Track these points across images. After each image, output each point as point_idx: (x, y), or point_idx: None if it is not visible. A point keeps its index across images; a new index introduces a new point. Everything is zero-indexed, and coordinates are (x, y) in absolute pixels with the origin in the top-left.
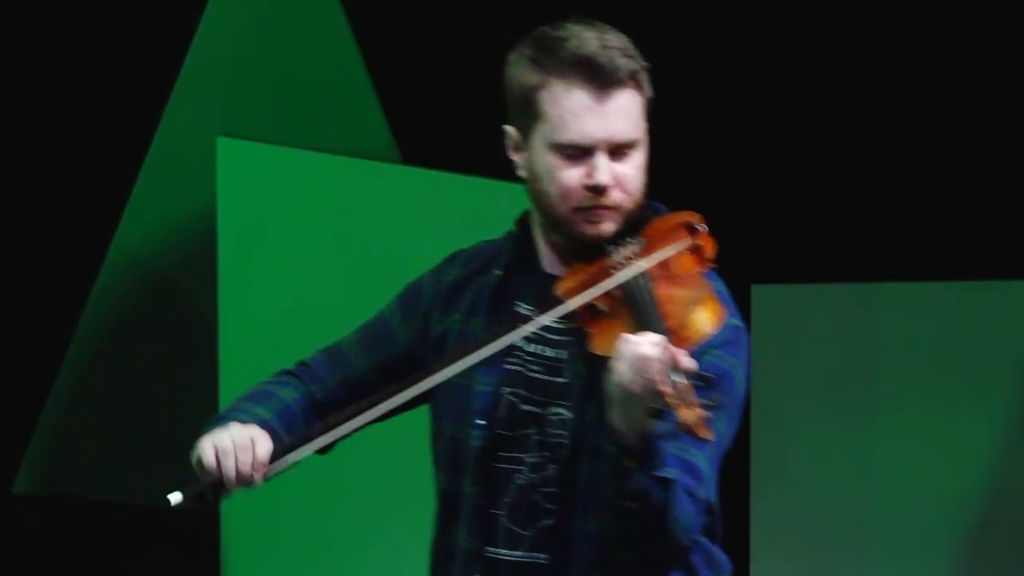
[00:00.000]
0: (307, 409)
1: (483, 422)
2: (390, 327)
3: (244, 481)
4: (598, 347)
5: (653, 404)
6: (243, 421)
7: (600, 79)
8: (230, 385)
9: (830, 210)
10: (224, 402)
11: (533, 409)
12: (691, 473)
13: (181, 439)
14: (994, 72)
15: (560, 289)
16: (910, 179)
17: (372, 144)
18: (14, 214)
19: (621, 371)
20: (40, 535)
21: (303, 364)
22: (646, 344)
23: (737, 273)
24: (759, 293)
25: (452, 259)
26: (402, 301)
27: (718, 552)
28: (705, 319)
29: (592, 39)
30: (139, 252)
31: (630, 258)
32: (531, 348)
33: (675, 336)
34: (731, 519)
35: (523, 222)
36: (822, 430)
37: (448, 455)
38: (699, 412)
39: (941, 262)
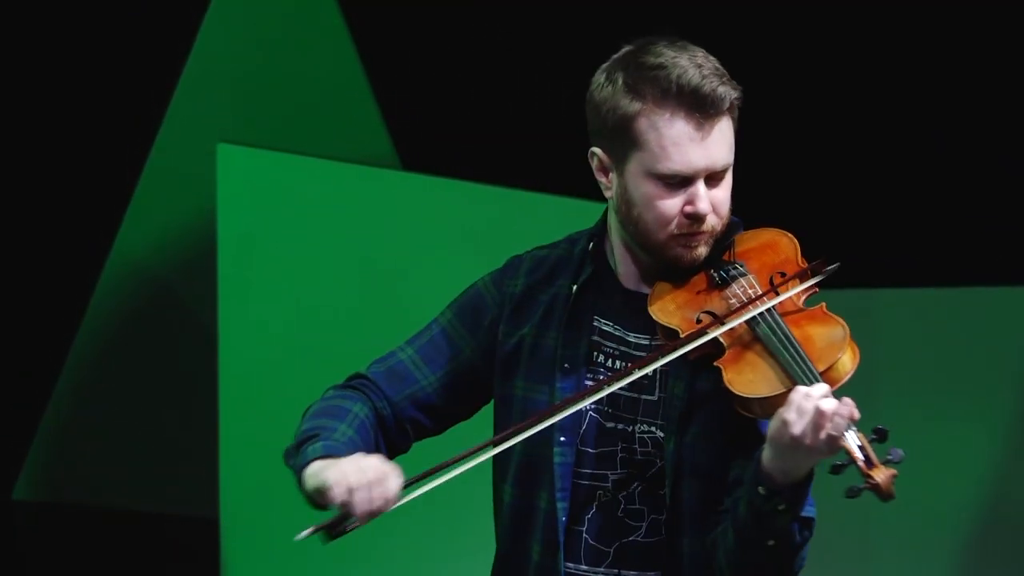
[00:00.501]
0: (376, 426)
1: (564, 438)
2: (452, 341)
3: (372, 517)
4: (739, 388)
5: (831, 459)
6: (335, 441)
7: (704, 109)
8: (230, 390)
9: (829, 215)
10: (224, 407)
11: (619, 426)
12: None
13: (181, 445)
14: (993, 78)
15: (654, 308)
16: (910, 185)
17: (371, 150)
18: (15, 219)
19: (794, 423)
20: (40, 540)
21: (363, 378)
22: (824, 398)
23: None
24: None
25: (512, 269)
26: (461, 313)
27: None
28: (849, 359)
29: (691, 68)
30: (139, 258)
31: (747, 288)
32: (612, 364)
33: (824, 379)
34: None
35: (599, 236)
36: None
37: (523, 470)
38: (890, 472)
39: (941, 268)
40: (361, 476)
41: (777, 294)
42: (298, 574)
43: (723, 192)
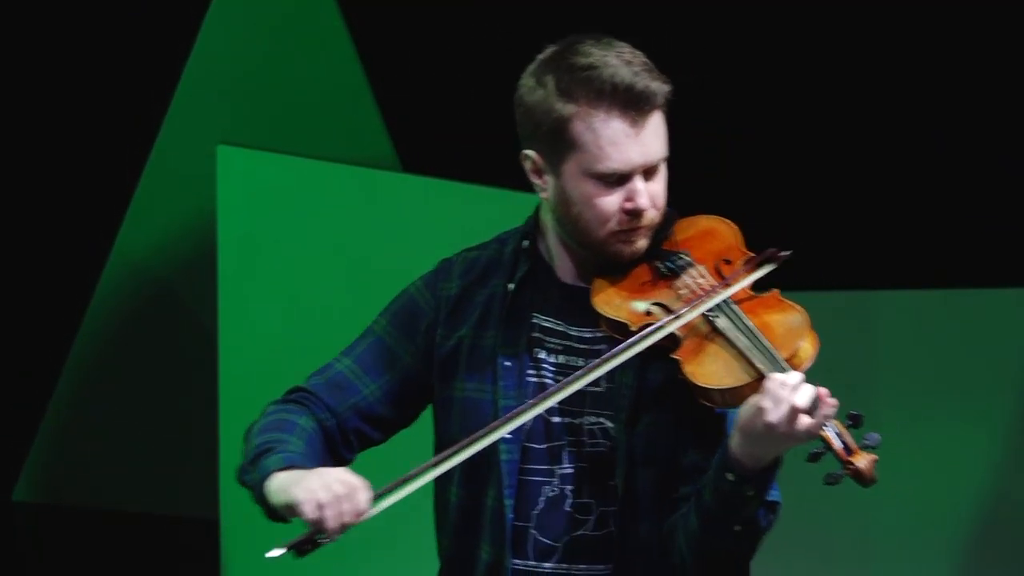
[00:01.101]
0: (322, 438)
1: (510, 435)
2: (390, 348)
3: (343, 531)
4: (702, 379)
5: (807, 447)
6: (291, 452)
7: (638, 107)
8: (230, 393)
9: (827, 217)
10: (224, 410)
11: (565, 419)
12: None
13: (180, 447)
14: (991, 80)
15: (597, 300)
16: (907, 187)
17: (371, 152)
18: (15, 220)
19: (769, 411)
20: (39, 542)
21: (303, 391)
22: (801, 388)
23: None
24: None
25: (444, 272)
26: (396, 319)
27: None
28: (810, 345)
29: (622, 66)
30: (139, 260)
31: (698, 278)
32: (556, 359)
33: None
34: None
35: (533, 234)
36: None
37: (469, 470)
38: (870, 458)
39: (939, 270)
40: (329, 492)
41: (730, 285)
42: (298, 574)
43: (660, 185)
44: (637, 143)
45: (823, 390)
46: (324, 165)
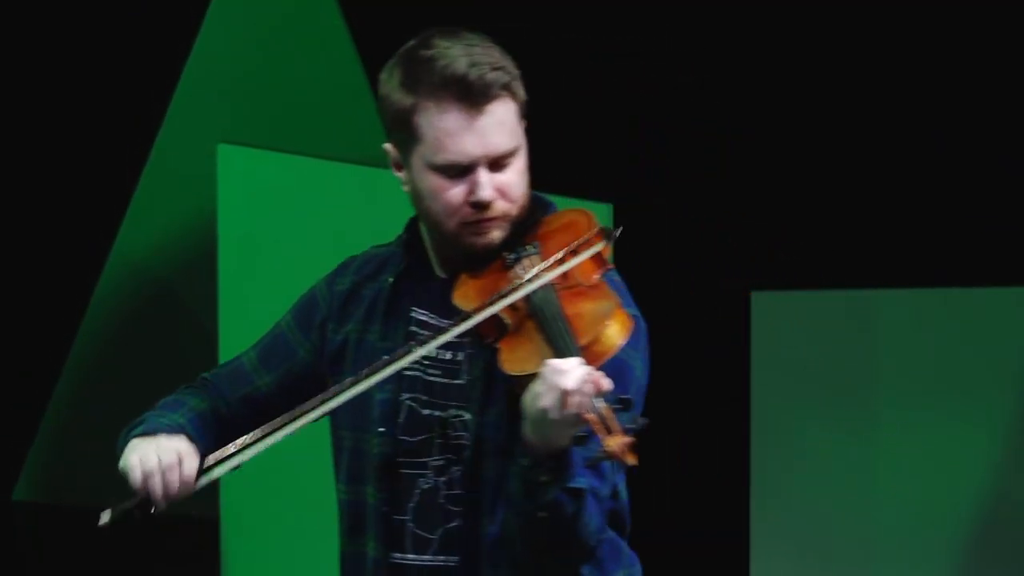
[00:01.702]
0: (215, 422)
1: (384, 429)
2: (288, 342)
3: (170, 500)
4: (509, 366)
5: (575, 431)
6: (158, 424)
7: (472, 97)
8: None
9: (829, 217)
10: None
11: (434, 413)
12: (595, 472)
13: None
14: (991, 79)
15: (456, 295)
16: (908, 186)
17: (372, 151)
18: (15, 220)
19: (542, 395)
20: (39, 542)
21: (205, 380)
22: (570, 372)
23: (736, 280)
24: (758, 300)
25: (344, 267)
26: (297, 314)
27: (626, 548)
28: (615, 332)
29: (460, 57)
30: (139, 259)
31: (530, 268)
32: (431, 353)
33: (587, 353)
34: (731, 526)
35: (412, 227)
36: (821, 436)
37: (350, 465)
38: (624, 440)
39: (940, 268)
40: (155, 460)
41: (544, 273)
42: (298, 574)
43: (511, 176)
44: (475, 135)
45: (597, 374)
46: (325, 164)
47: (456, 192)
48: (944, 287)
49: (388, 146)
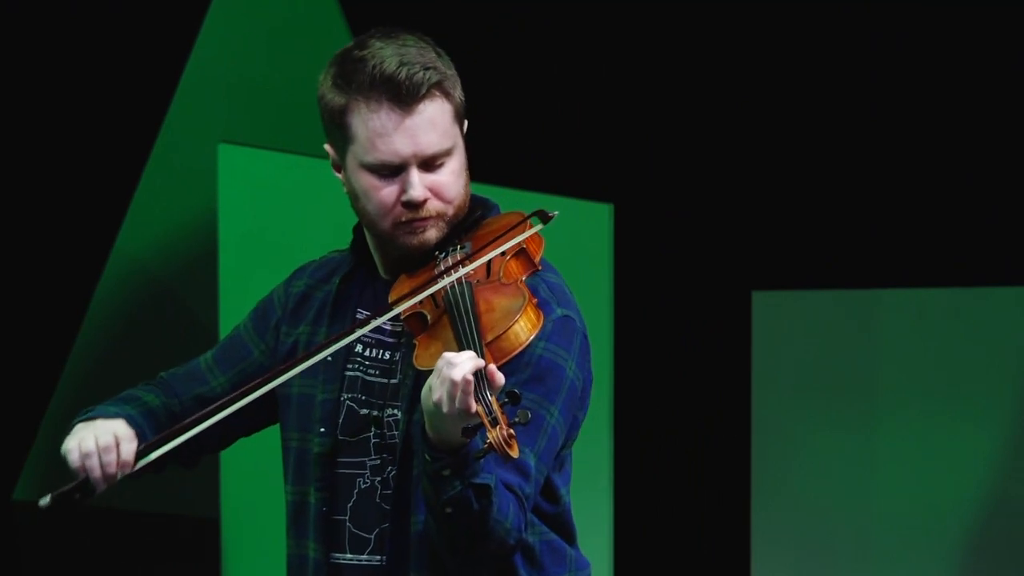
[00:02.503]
0: (167, 419)
1: (324, 429)
2: (244, 343)
3: (110, 481)
4: (420, 362)
5: (465, 423)
6: (106, 410)
7: (401, 97)
8: None
9: (830, 216)
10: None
11: (372, 412)
12: (518, 470)
13: None
14: (991, 80)
15: (392, 296)
16: (909, 185)
17: None
18: (16, 219)
19: (435, 388)
20: (39, 542)
21: (161, 378)
22: (460, 365)
23: (737, 279)
24: (759, 299)
25: (301, 271)
26: (255, 316)
27: (574, 551)
28: (521, 328)
29: (391, 57)
30: (140, 258)
31: (453, 265)
32: (369, 352)
33: (493, 348)
34: (732, 526)
35: (359, 230)
36: (823, 436)
37: (295, 465)
38: (505, 432)
39: (941, 268)
40: (92, 442)
41: (459, 268)
42: None
43: (445, 176)
44: (406, 134)
45: (491, 367)
46: (325, 163)
47: (388, 192)
48: (944, 287)
49: (327, 147)
